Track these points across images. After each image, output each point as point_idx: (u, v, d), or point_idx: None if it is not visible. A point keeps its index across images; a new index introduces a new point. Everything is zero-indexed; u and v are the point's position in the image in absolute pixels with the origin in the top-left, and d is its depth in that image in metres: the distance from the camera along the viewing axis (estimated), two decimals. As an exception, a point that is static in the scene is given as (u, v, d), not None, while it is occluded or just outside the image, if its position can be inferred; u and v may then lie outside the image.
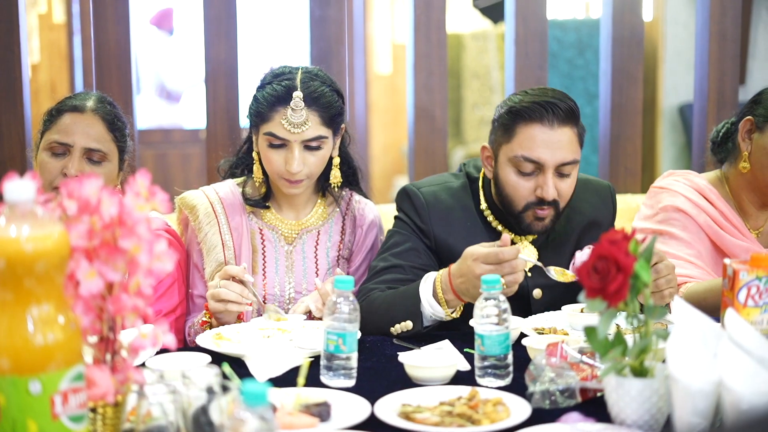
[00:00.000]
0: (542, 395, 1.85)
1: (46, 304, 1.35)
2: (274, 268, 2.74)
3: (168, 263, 1.48)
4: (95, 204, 1.44)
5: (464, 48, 7.54)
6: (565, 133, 2.54)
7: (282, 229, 2.77)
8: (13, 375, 1.32)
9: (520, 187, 2.56)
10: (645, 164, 6.19)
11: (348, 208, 2.85)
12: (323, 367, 2.04)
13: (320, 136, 2.61)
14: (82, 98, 2.74)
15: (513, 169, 2.57)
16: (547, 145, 2.52)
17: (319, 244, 2.79)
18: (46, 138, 2.70)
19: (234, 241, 2.73)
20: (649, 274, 1.68)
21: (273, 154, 2.62)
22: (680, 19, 6.81)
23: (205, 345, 2.26)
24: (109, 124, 2.72)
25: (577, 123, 2.58)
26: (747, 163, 2.80)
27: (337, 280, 2.02)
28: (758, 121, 2.77)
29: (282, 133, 2.59)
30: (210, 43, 3.59)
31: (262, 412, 1.33)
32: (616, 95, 3.91)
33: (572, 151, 2.56)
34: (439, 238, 2.67)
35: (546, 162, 2.52)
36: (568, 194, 2.60)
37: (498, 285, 2.02)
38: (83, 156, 2.66)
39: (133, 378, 1.52)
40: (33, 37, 6.54)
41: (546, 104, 2.52)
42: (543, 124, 2.52)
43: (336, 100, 2.65)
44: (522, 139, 2.54)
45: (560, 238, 2.73)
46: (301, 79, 2.62)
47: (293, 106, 2.57)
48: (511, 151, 2.56)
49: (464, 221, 2.69)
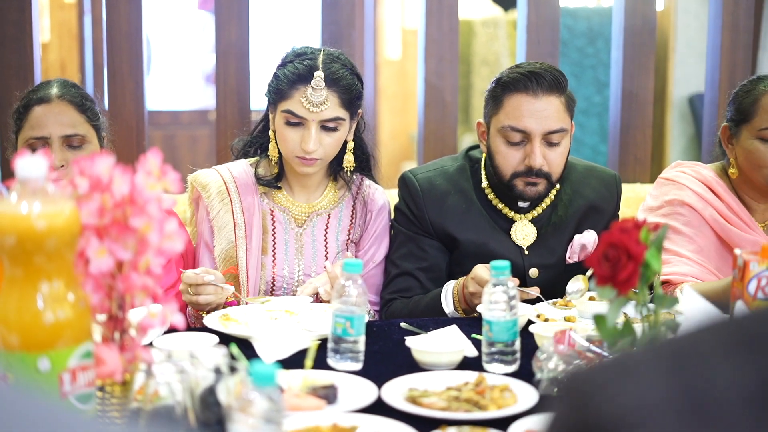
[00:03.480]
0: (550, 382, 1.85)
1: (56, 281, 1.35)
2: (284, 250, 2.74)
3: (178, 243, 1.48)
4: (107, 182, 1.44)
5: (474, 34, 7.51)
6: (551, 102, 2.59)
7: (293, 210, 2.77)
8: (22, 351, 1.32)
9: (509, 156, 2.63)
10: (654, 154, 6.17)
11: (359, 192, 2.84)
12: (330, 350, 2.04)
13: (338, 117, 2.61)
14: (46, 88, 2.74)
15: (502, 140, 2.63)
16: (532, 114, 2.58)
17: (329, 228, 2.79)
18: (21, 137, 2.70)
19: (245, 221, 2.72)
20: (660, 263, 1.67)
21: (289, 132, 2.62)
22: (692, 9, 6.77)
23: (212, 326, 2.26)
24: (78, 107, 2.72)
25: (564, 92, 2.62)
26: (734, 169, 2.80)
27: (346, 263, 2.02)
28: (731, 127, 2.78)
29: (301, 112, 2.59)
30: (221, 25, 3.58)
31: (270, 393, 1.33)
32: (627, 84, 3.90)
33: (559, 120, 2.60)
34: (435, 223, 2.74)
35: (532, 131, 2.58)
36: (559, 163, 2.65)
37: (507, 271, 2.02)
38: (63, 144, 2.66)
39: (141, 357, 1.52)
40: (44, 15, 6.53)
41: (530, 74, 2.58)
42: (528, 93, 2.58)
43: (355, 83, 2.66)
44: (509, 109, 2.60)
45: (561, 219, 2.78)
46: (323, 60, 2.63)
47: (314, 85, 2.58)
48: (499, 122, 2.63)
49: (459, 205, 2.74)
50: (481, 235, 2.73)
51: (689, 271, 2.71)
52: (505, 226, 2.76)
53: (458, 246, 2.73)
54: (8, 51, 3.38)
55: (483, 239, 2.72)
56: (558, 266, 2.71)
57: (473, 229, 2.73)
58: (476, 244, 2.71)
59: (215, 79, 3.61)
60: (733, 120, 2.79)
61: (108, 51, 3.50)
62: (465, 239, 2.72)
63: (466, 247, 2.72)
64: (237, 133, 3.01)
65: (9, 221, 1.31)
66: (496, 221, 2.75)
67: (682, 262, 2.71)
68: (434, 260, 2.74)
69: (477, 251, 2.69)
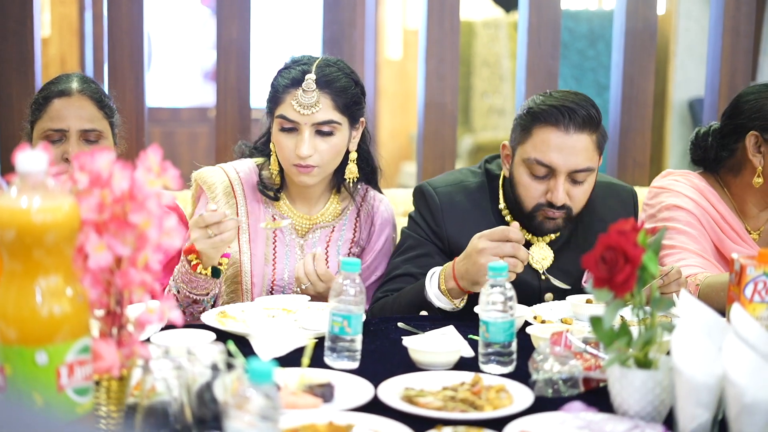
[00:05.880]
0: (545, 384, 1.85)
1: (54, 275, 1.35)
2: (284, 260, 2.72)
3: (177, 239, 1.49)
4: (106, 178, 1.44)
5: (475, 36, 7.52)
6: (581, 140, 2.50)
7: (295, 221, 2.72)
8: (20, 345, 1.33)
9: (531, 188, 2.55)
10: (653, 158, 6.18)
11: (363, 203, 2.80)
12: (327, 348, 2.04)
13: (331, 120, 2.57)
14: (66, 81, 2.76)
15: (526, 171, 2.55)
16: (560, 150, 2.49)
17: (331, 241, 2.77)
18: (39, 127, 2.71)
19: (250, 224, 2.70)
20: (657, 266, 1.68)
21: (284, 139, 2.59)
22: (693, 13, 6.79)
23: (209, 323, 2.27)
24: (97, 103, 2.75)
25: (596, 130, 2.53)
26: (761, 179, 2.77)
27: (344, 262, 2.02)
28: (763, 134, 2.75)
29: (292, 115, 2.56)
30: (222, 23, 3.59)
31: (267, 391, 1.33)
32: (627, 87, 3.90)
33: (587, 159, 2.52)
34: (452, 240, 2.67)
35: (558, 167, 2.50)
36: (581, 201, 2.58)
37: (504, 272, 2.02)
38: (80, 138, 2.68)
39: (138, 352, 1.52)
40: (44, 10, 6.53)
41: (564, 108, 2.49)
42: (558, 128, 2.49)
43: (351, 86, 2.61)
44: (537, 141, 2.52)
45: (579, 242, 2.70)
46: (318, 64, 2.59)
47: (304, 87, 2.54)
48: (525, 152, 2.55)
49: (479, 223, 2.63)
50: None
51: (700, 263, 2.70)
52: None
53: None
54: (9, 45, 3.39)
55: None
56: (573, 290, 2.59)
57: None
58: None
59: (216, 76, 3.62)
60: (765, 128, 2.75)
61: (108, 47, 3.51)
62: None
63: None
64: (237, 133, 3.00)
65: (8, 215, 1.31)
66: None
67: (691, 256, 2.70)
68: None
69: None
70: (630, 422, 1.66)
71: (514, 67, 7.32)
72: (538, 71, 3.78)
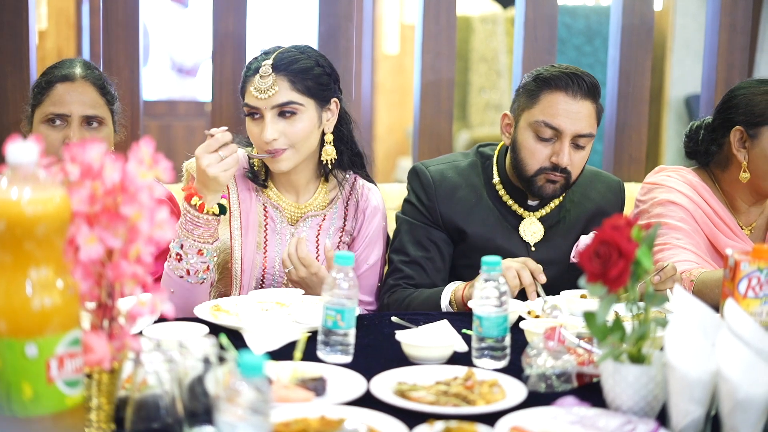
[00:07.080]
0: (538, 378, 1.85)
1: (45, 267, 1.34)
2: (275, 248, 2.72)
3: (168, 231, 1.48)
4: (98, 169, 1.44)
5: (473, 31, 7.51)
6: (586, 106, 2.64)
7: (285, 209, 2.74)
8: (10, 337, 1.32)
9: (537, 151, 2.67)
10: (649, 154, 6.17)
11: (352, 192, 2.82)
12: (320, 342, 2.03)
13: (290, 101, 2.59)
14: (70, 66, 2.76)
15: (532, 134, 2.68)
16: (567, 114, 2.63)
17: (322, 229, 2.77)
18: (40, 111, 2.71)
19: (241, 212, 2.71)
20: (651, 261, 1.67)
21: (253, 127, 2.63)
22: (689, 9, 6.78)
23: (202, 317, 2.26)
24: (100, 89, 2.76)
25: (598, 99, 2.68)
26: (747, 173, 2.78)
27: (338, 256, 2.02)
28: (747, 129, 2.75)
29: (252, 101, 2.60)
30: (219, 16, 3.58)
31: (258, 384, 1.33)
32: (624, 84, 3.90)
33: (590, 125, 2.66)
34: (445, 215, 2.78)
35: (565, 130, 2.63)
36: (580, 166, 2.70)
37: (498, 267, 2.01)
38: (82, 124, 2.68)
39: (129, 345, 1.52)
40: (41, 3, 6.52)
41: (572, 75, 2.64)
42: (567, 93, 2.63)
43: (313, 67, 2.64)
44: (545, 105, 2.65)
45: (569, 220, 2.84)
46: (279, 52, 2.64)
47: (261, 72, 2.59)
48: (532, 116, 2.67)
49: (469, 198, 2.79)
50: (489, 229, 2.77)
51: (693, 259, 2.70)
52: (513, 222, 2.80)
53: (466, 239, 2.76)
54: (5, 38, 3.38)
55: (491, 234, 2.76)
56: (562, 265, 2.77)
57: (481, 223, 2.76)
58: (484, 238, 2.75)
59: (211, 69, 3.61)
60: (749, 123, 2.76)
61: (104, 40, 3.49)
62: (473, 232, 2.76)
63: (473, 241, 2.75)
64: (233, 126, 2.99)
65: (-1, 206, 1.30)
66: (504, 217, 2.79)
67: (684, 252, 2.71)
68: (440, 252, 2.79)
69: (484, 245, 2.71)
70: (623, 417, 1.66)
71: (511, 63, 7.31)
72: (535, 67, 3.74)
